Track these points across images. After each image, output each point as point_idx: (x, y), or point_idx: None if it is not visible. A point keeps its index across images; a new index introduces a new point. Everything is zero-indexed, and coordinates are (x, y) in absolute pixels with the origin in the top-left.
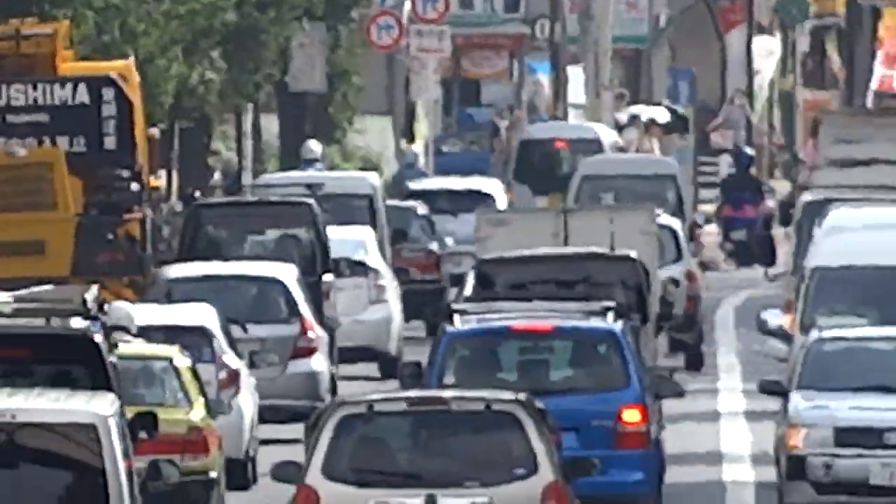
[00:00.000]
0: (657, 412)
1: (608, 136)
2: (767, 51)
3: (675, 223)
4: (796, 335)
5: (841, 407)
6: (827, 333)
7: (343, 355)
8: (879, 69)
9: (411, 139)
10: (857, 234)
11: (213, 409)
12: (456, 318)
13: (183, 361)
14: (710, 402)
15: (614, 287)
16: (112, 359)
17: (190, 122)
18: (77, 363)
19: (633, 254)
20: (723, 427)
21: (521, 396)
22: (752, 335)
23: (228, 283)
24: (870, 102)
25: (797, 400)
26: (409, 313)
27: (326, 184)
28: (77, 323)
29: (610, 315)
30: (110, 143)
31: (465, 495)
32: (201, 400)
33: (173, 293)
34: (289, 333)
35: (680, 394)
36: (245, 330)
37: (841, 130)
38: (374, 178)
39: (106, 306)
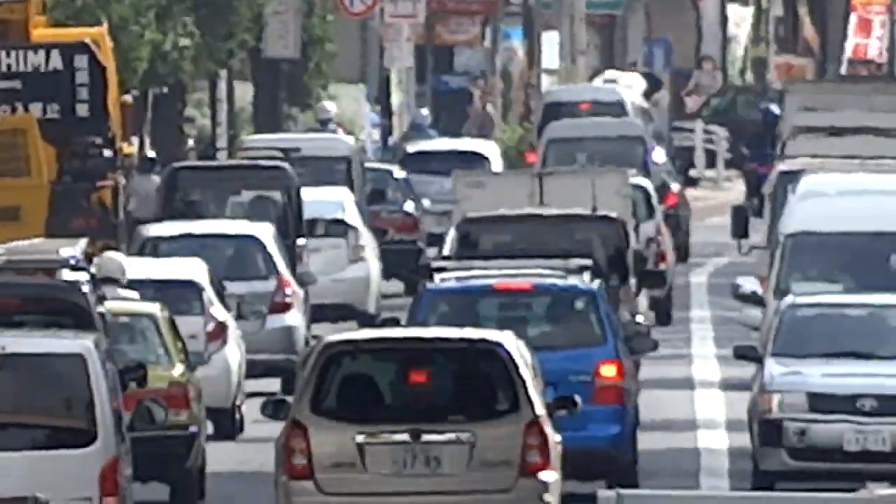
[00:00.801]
0: (633, 368)
1: (631, 96)
2: (741, 17)
3: (646, 182)
4: (770, 301)
5: (815, 373)
6: (801, 300)
7: (322, 313)
8: (853, 36)
9: (386, 106)
10: (830, 200)
11: (192, 363)
12: (436, 276)
13: (164, 317)
14: (684, 369)
15: (595, 247)
16: (100, 309)
17: (163, 88)
18: (65, 314)
19: (613, 214)
20: (697, 394)
21: (505, 334)
22: (727, 302)
23: (207, 241)
24: (844, 69)
25: (771, 366)
26: (387, 272)
27: (304, 147)
28: (65, 275)
29: (586, 274)
30: (83, 110)
31: (448, 430)
32: (181, 355)
33: (153, 251)
34: (266, 290)
35: (654, 347)
36: (223, 287)
37: (807, 99)
38: (350, 141)
39: (95, 259)
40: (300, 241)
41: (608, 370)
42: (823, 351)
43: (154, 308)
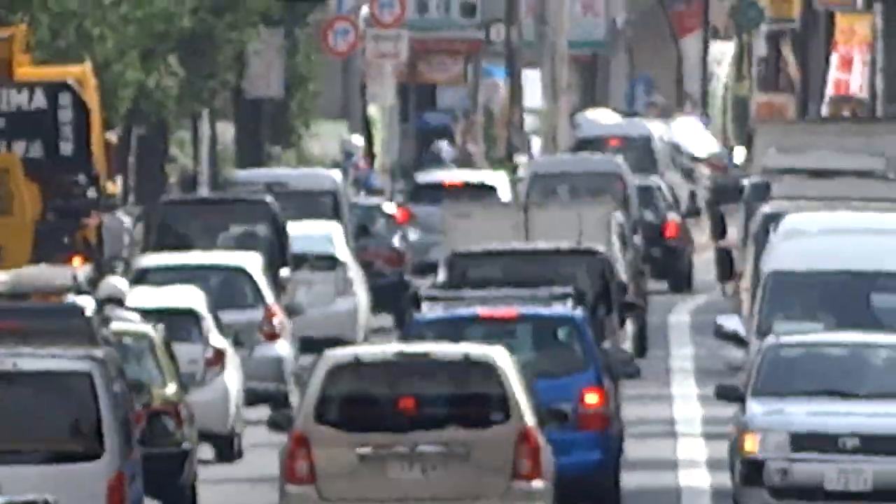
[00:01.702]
0: (615, 394)
1: (660, 132)
2: (722, 54)
3: (619, 216)
4: (752, 340)
5: (797, 412)
6: (783, 339)
7: (311, 346)
8: (834, 73)
9: (369, 144)
10: (812, 239)
11: (185, 384)
12: (424, 305)
13: (158, 337)
14: (665, 408)
15: (580, 279)
16: (104, 331)
17: (147, 127)
18: (70, 335)
19: (598, 247)
20: (678, 432)
21: (499, 348)
22: (709, 341)
23: (196, 271)
24: (825, 106)
25: (753, 405)
26: (376, 305)
27: (291, 181)
28: (70, 299)
29: (570, 301)
30: (67, 148)
31: (443, 440)
32: (175, 375)
33: (142, 281)
34: (254, 319)
35: (636, 374)
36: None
37: (777, 140)
38: (337, 175)
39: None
40: (283, 273)
41: (591, 397)
42: (805, 390)
43: (148, 328)
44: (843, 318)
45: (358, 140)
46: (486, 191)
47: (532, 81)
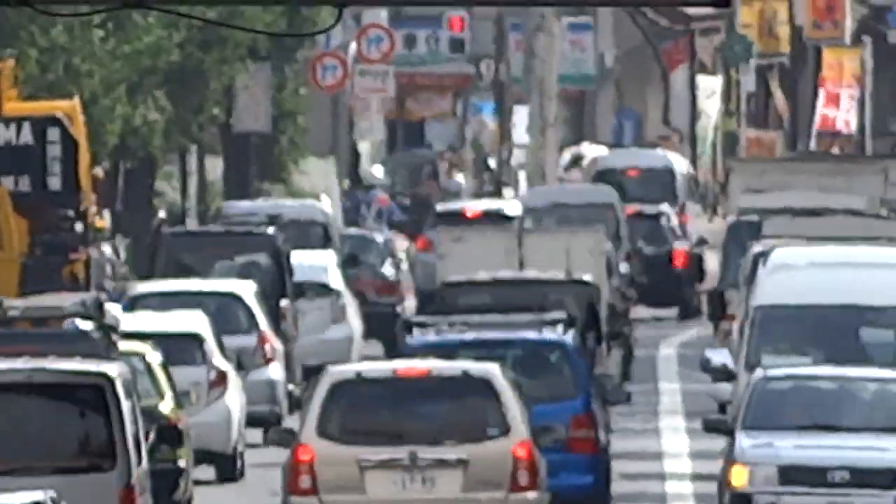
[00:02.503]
0: (605, 418)
1: (680, 165)
2: (710, 90)
3: (607, 245)
4: (741, 374)
5: (785, 445)
6: (771, 372)
7: (307, 373)
8: (821, 109)
9: (356, 180)
10: (800, 273)
11: (182, 402)
12: (415, 330)
13: (154, 357)
14: (653, 442)
15: (570, 308)
16: (111, 355)
17: (134, 162)
18: (79, 357)
19: (587, 278)
20: (666, 466)
21: (497, 365)
22: (696, 374)
23: (192, 298)
24: (813, 141)
25: (742, 438)
26: (367, 334)
27: (284, 212)
28: (78, 323)
29: (560, 326)
30: (55, 183)
31: (443, 452)
32: (170, 393)
33: (140, 308)
34: (248, 344)
35: (625, 399)
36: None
37: (753, 180)
38: (328, 207)
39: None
40: (283, 301)
41: (581, 421)
42: (794, 424)
43: (145, 348)
44: (831, 351)
45: (378, 171)
46: (505, 220)
47: (520, 117)
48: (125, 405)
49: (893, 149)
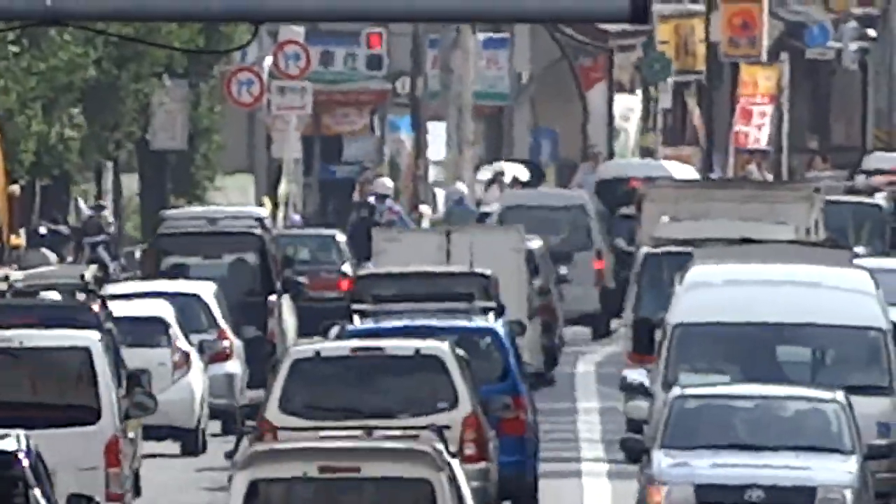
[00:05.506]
0: (531, 402)
1: (683, 174)
2: (628, 108)
3: (536, 244)
4: (658, 392)
5: (702, 464)
6: (688, 391)
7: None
8: (735, 125)
9: (274, 197)
10: (717, 290)
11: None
12: (356, 318)
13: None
14: (573, 461)
15: (474, 297)
16: (108, 325)
17: (50, 179)
18: (79, 328)
19: (486, 272)
20: (585, 484)
21: (446, 343)
22: (614, 392)
23: (156, 298)
24: (731, 158)
25: (659, 457)
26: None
27: (218, 217)
28: (79, 296)
29: (490, 314)
30: None
31: (398, 425)
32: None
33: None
34: (207, 340)
35: (549, 383)
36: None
37: (667, 208)
38: (263, 213)
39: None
40: (271, 298)
41: (511, 404)
42: (711, 442)
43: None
44: (748, 369)
45: (389, 183)
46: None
47: (437, 133)
48: (106, 365)
49: (810, 165)
